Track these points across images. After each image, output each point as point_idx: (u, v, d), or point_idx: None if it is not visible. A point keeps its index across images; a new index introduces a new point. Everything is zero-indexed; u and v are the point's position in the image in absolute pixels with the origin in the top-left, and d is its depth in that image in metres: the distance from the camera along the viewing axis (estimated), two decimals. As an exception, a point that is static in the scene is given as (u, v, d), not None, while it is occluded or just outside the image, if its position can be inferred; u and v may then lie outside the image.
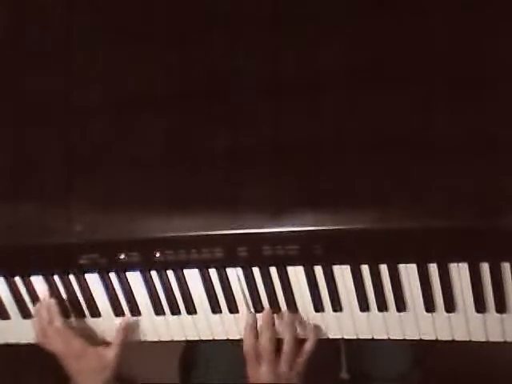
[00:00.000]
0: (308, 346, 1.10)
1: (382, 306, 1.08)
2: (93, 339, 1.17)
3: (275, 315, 1.11)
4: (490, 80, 1.02)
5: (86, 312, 1.17)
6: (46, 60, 1.16)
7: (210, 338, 1.15)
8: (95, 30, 1.15)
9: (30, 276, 1.17)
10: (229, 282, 1.11)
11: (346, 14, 1.07)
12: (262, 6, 1.10)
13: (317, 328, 1.11)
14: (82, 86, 1.14)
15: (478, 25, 1.03)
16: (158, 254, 1.09)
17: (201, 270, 1.11)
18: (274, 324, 1.10)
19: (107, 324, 1.17)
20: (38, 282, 1.17)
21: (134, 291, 1.15)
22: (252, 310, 1.11)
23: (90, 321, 1.18)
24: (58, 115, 1.14)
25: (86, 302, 1.17)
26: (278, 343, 1.10)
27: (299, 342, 1.10)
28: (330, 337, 1.11)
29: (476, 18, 1.03)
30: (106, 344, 1.16)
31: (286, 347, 1.09)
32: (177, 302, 1.14)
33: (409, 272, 1.06)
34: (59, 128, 1.14)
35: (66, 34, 1.16)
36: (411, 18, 1.05)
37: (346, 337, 1.11)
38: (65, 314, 1.17)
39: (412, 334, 1.09)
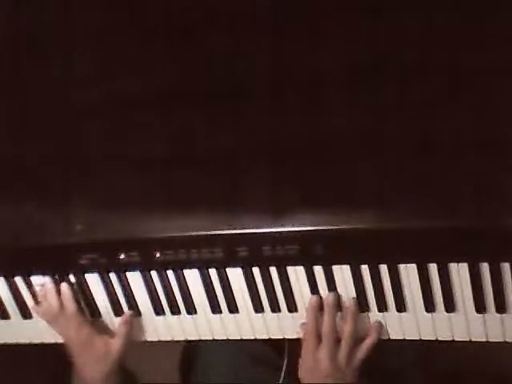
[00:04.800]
0: (368, 342, 1.08)
1: (382, 306, 1.08)
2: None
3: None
4: (490, 80, 1.02)
5: (86, 312, 1.17)
6: (46, 60, 1.16)
7: (210, 338, 1.15)
8: (95, 30, 1.15)
9: (29, 276, 1.17)
10: (229, 282, 1.11)
11: (346, 13, 1.07)
12: (262, 5, 1.10)
13: (379, 326, 1.09)
14: (82, 86, 1.14)
15: (479, 24, 1.03)
16: (158, 254, 1.09)
17: (201, 270, 1.11)
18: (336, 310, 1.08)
19: (107, 324, 1.18)
20: (38, 282, 1.17)
21: (134, 291, 1.15)
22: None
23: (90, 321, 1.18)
24: (57, 115, 1.15)
25: (86, 302, 1.17)
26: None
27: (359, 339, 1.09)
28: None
29: (477, 17, 1.04)
30: (112, 334, 1.16)
31: (346, 338, 1.07)
32: (177, 302, 1.14)
33: (409, 272, 1.06)
34: (59, 128, 1.14)
35: (65, 34, 1.16)
36: (412, 19, 1.05)
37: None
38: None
39: (412, 334, 1.09)
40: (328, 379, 1.06)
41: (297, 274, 1.09)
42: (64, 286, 1.15)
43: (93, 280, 1.15)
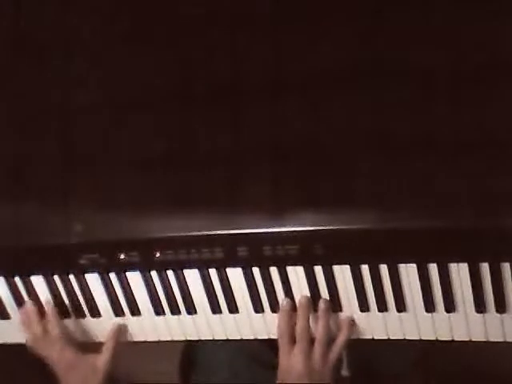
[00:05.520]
0: (340, 339, 1.09)
1: (382, 306, 1.08)
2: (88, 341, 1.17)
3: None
4: (490, 80, 1.02)
5: (86, 312, 1.17)
6: (46, 60, 1.16)
7: (210, 338, 1.15)
8: (95, 30, 1.15)
9: (29, 276, 1.17)
10: (229, 282, 1.11)
11: (346, 13, 1.07)
12: (262, 5, 1.10)
13: (351, 324, 1.09)
14: (82, 86, 1.14)
15: (479, 24, 1.03)
16: (158, 254, 1.09)
17: (201, 270, 1.11)
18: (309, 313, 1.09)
19: (107, 324, 1.18)
20: (38, 282, 1.17)
21: (134, 291, 1.15)
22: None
23: (90, 321, 1.18)
24: (57, 115, 1.15)
25: (85, 302, 1.17)
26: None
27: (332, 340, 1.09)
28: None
29: (477, 17, 1.04)
30: (98, 350, 1.15)
31: (320, 338, 1.08)
32: (177, 302, 1.14)
33: (409, 272, 1.06)
34: (59, 128, 1.14)
35: (65, 34, 1.16)
36: (412, 19, 1.05)
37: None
38: (64, 314, 1.17)
39: (412, 334, 1.09)
40: (304, 379, 1.07)
41: (297, 274, 1.09)
42: (48, 308, 1.16)
43: (93, 280, 1.15)
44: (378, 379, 1.26)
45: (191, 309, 1.14)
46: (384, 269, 1.06)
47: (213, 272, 1.11)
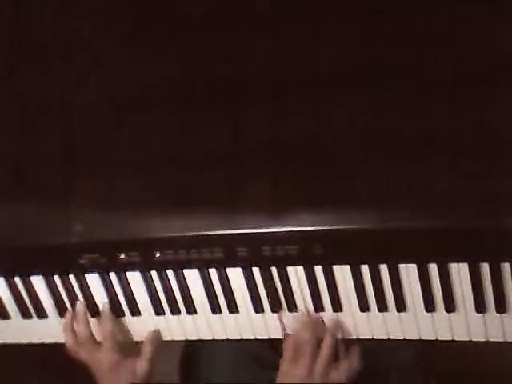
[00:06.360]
0: (345, 366, 1.07)
1: (382, 306, 1.08)
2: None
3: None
4: (490, 80, 1.02)
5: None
6: (46, 60, 1.16)
7: (210, 338, 1.15)
8: (95, 30, 1.15)
9: (29, 276, 1.17)
10: (229, 282, 1.11)
11: (346, 13, 1.07)
12: (262, 5, 1.10)
13: (357, 353, 1.08)
14: (82, 86, 1.14)
15: (479, 23, 1.03)
16: (158, 254, 1.09)
17: (201, 270, 1.11)
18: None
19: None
20: (38, 282, 1.17)
21: (134, 291, 1.15)
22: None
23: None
24: (58, 115, 1.15)
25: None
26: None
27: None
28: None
29: (477, 17, 1.04)
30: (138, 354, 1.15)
31: (324, 352, 1.07)
32: (177, 302, 1.14)
33: (409, 272, 1.06)
34: (59, 128, 1.14)
35: (65, 34, 1.16)
36: (412, 19, 1.05)
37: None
38: (63, 313, 1.17)
39: (412, 334, 1.09)
40: None
41: (297, 274, 1.09)
42: (103, 307, 1.15)
43: (93, 280, 1.15)
44: (378, 379, 1.26)
45: (191, 309, 1.14)
46: (384, 269, 1.06)
47: (213, 272, 1.11)
